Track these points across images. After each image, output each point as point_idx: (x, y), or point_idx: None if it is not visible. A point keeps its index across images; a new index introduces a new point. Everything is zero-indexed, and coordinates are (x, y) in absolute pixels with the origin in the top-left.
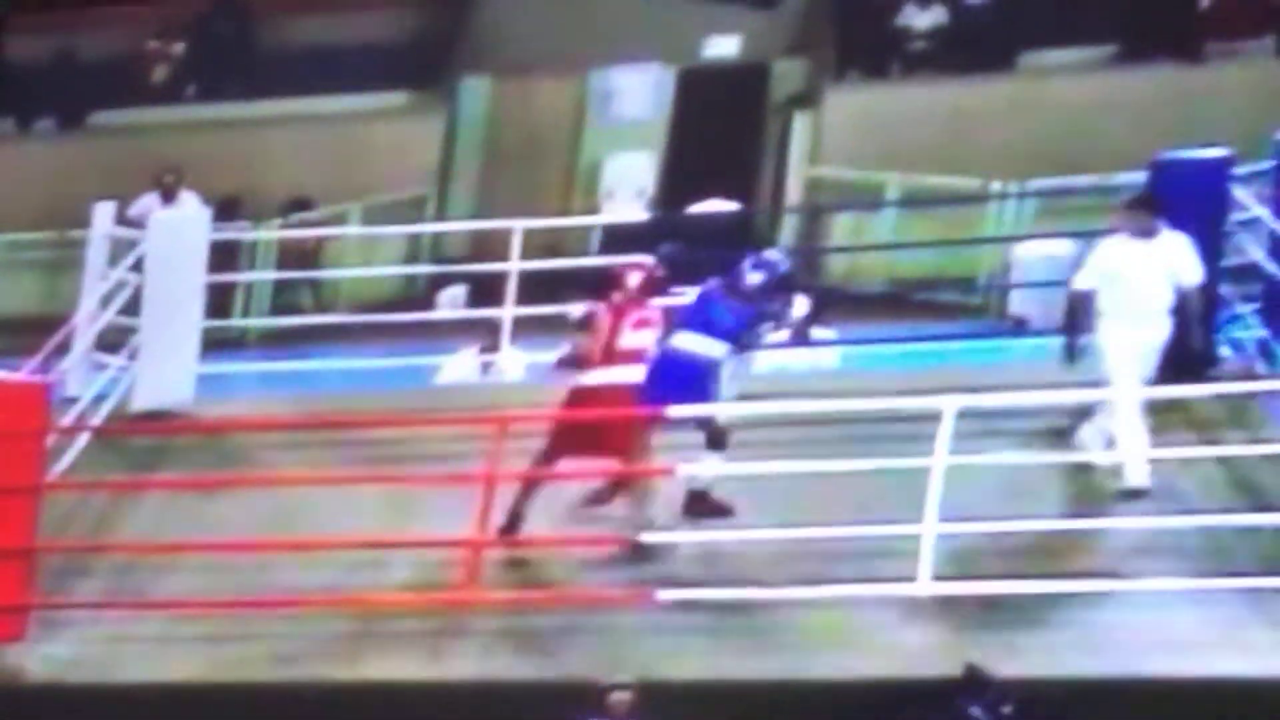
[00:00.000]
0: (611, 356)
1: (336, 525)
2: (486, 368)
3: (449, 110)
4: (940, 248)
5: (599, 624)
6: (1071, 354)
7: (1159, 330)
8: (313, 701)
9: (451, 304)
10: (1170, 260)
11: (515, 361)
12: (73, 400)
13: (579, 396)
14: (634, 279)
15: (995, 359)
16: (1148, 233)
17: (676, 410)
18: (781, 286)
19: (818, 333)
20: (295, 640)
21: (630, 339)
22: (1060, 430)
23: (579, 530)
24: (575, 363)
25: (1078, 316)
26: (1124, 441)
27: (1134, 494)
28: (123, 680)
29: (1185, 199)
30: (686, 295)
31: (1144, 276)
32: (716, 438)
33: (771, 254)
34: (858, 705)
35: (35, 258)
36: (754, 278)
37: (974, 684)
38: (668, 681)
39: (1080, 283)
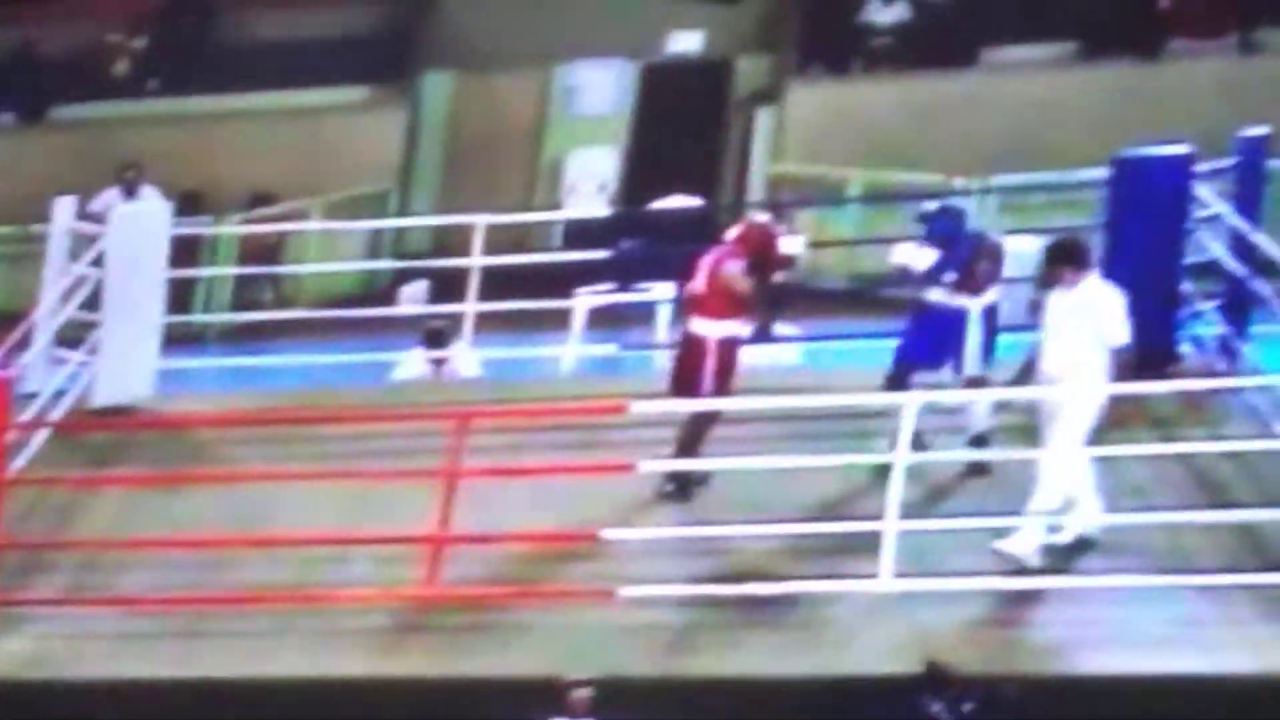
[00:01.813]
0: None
1: (297, 521)
2: (438, 365)
3: (411, 105)
4: (902, 243)
5: (559, 620)
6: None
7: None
8: (273, 697)
9: (413, 299)
10: (1095, 317)
11: (469, 359)
12: (32, 396)
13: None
14: (732, 232)
15: None
16: (1067, 285)
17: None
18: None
19: (780, 329)
20: (256, 636)
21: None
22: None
23: (544, 525)
24: None
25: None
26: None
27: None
28: (83, 677)
29: (1147, 196)
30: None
31: (1060, 332)
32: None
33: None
34: (819, 703)
35: None
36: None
37: (935, 681)
38: (628, 678)
39: None
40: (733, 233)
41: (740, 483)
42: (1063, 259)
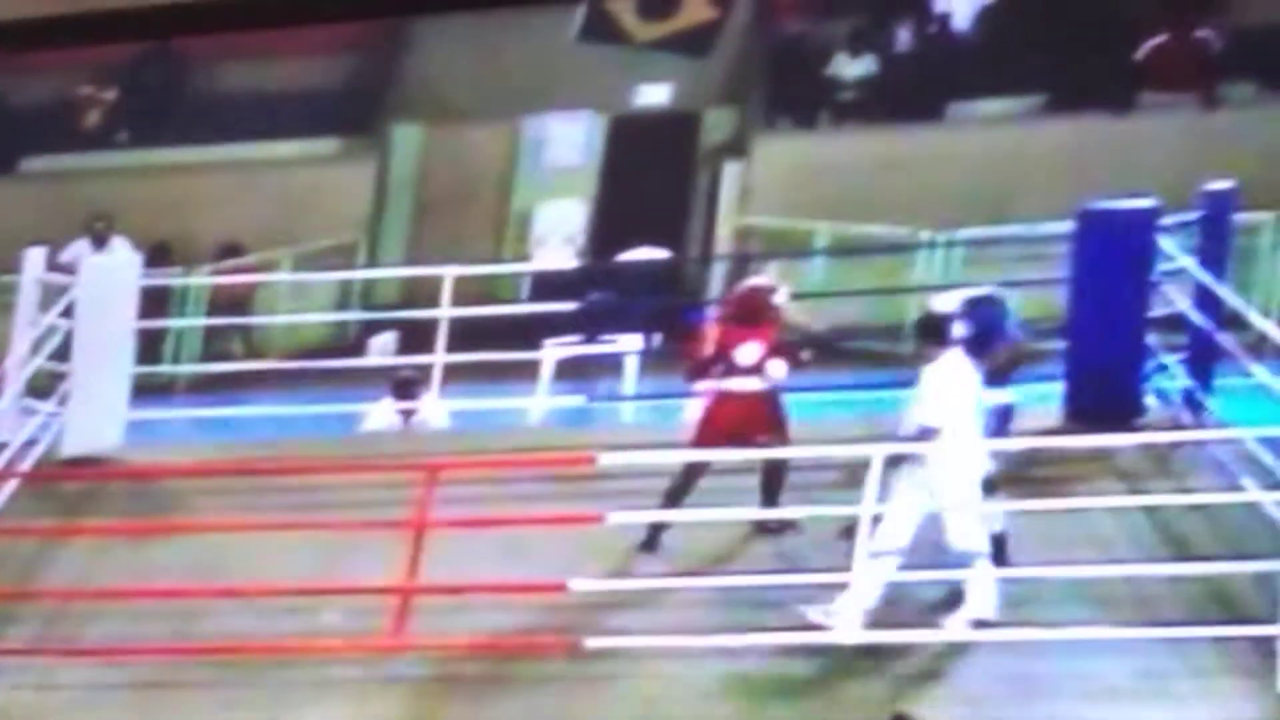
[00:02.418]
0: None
1: (266, 572)
2: (408, 416)
3: (380, 157)
4: (868, 296)
5: (527, 672)
6: None
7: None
8: None
9: (382, 350)
10: (922, 394)
11: (438, 410)
12: (2, 446)
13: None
14: (732, 297)
15: None
16: (930, 359)
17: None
18: None
19: None
20: (224, 687)
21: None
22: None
23: (513, 576)
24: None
25: None
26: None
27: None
28: None
29: (1112, 249)
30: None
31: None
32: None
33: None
34: None
35: None
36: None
37: None
38: None
39: None
40: (731, 297)
41: (711, 533)
42: (925, 334)
